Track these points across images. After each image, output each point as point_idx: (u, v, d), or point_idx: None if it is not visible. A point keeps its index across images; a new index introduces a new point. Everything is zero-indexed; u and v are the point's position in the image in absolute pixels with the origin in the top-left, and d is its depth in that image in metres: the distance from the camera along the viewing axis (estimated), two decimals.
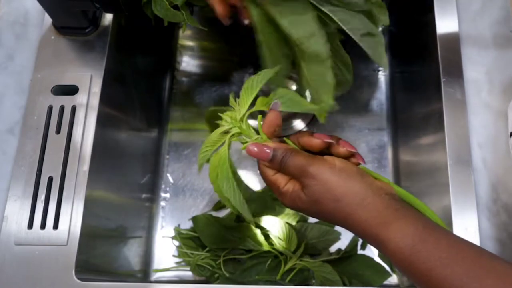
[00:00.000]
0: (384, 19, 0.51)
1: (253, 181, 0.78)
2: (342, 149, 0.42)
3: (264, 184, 0.77)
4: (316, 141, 0.42)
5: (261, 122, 0.43)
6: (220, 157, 0.44)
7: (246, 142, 0.43)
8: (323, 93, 0.46)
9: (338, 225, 0.41)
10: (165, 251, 0.75)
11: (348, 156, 0.42)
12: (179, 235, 0.74)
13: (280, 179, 0.42)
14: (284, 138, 0.43)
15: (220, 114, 0.44)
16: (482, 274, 0.34)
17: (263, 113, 0.44)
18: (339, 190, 0.39)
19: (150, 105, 0.80)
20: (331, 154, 0.42)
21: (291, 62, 0.49)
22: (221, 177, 0.43)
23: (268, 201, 0.75)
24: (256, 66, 0.44)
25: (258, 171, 0.44)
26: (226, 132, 0.44)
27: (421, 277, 0.36)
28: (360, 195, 0.38)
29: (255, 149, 0.42)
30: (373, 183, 0.39)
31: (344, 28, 0.45)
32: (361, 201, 0.38)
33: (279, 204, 0.74)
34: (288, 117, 0.80)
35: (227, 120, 0.44)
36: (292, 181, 0.42)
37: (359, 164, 0.42)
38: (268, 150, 0.41)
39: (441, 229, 0.38)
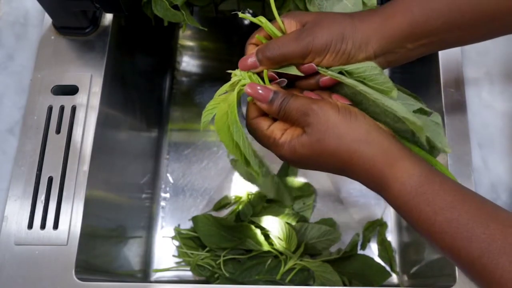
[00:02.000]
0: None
1: None
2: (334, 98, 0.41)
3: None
4: (308, 82, 0.41)
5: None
6: (228, 104, 0.41)
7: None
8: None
9: (339, 172, 0.39)
10: (165, 251, 0.75)
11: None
12: (179, 235, 0.74)
13: (276, 131, 0.40)
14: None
15: (229, 71, 0.43)
16: (487, 219, 0.34)
17: None
18: (343, 127, 0.37)
19: (150, 105, 0.80)
20: None
21: None
22: (231, 121, 0.41)
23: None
24: None
25: (248, 131, 0.42)
26: (235, 84, 0.42)
27: (425, 220, 0.35)
28: (364, 131, 0.37)
29: (256, 88, 0.40)
30: (375, 123, 0.39)
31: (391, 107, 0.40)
32: (365, 137, 0.37)
33: (279, 204, 0.75)
34: None
35: (236, 73, 0.42)
36: (289, 130, 0.40)
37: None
38: (269, 91, 0.40)
39: (444, 174, 0.37)
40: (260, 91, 0.40)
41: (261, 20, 0.41)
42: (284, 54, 0.40)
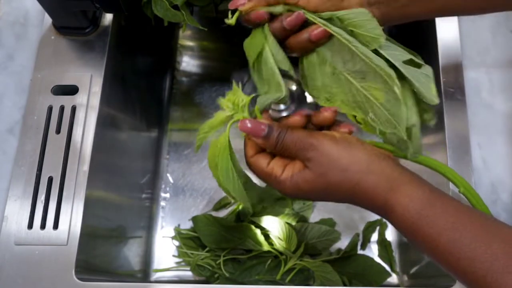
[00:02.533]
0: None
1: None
2: (325, 113, 0.41)
3: (263, 186, 0.77)
4: (294, 118, 0.41)
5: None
6: (220, 145, 0.42)
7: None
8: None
9: (344, 201, 0.40)
10: (165, 251, 0.75)
11: (334, 124, 0.42)
12: (179, 235, 0.74)
13: (276, 167, 0.40)
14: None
15: (221, 99, 0.43)
16: (489, 238, 0.34)
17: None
18: (344, 159, 0.38)
19: (150, 105, 0.80)
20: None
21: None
22: (221, 167, 0.42)
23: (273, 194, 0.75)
24: None
25: (249, 168, 0.43)
26: (228, 118, 0.42)
27: (429, 242, 0.36)
28: (365, 162, 0.38)
29: (249, 124, 0.39)
30: (374, 149, 0.39)
31: (383, 53, 0.40)
32: (367, 167, 0.38)
33: (279, 204, 0.74)
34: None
35: (228, 106, 0.42)
36: (289, 166, 0.40)
37: (351, 132, 0.41)
38: (263, 126, 0.39)
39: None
40: (253, 127, 0.39)
41: None
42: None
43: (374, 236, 0.74)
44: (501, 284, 0.33)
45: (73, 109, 0.58)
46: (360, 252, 0.73)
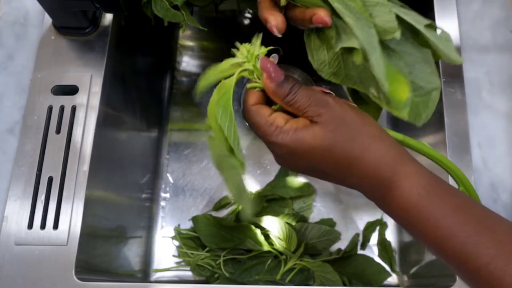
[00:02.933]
0: None
1: (252, 182, 0.78)
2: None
3: (263, 186, 0.77)
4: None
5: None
6: (224, 88, 0.40)
7: (254, 84, 0.40)
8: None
9: (341, 171, 0.37)
10: (165, 251, 0.75)
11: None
12: (179, 235, 0.74)
13: (279, 119, 0.38)
14: None
15: (238, 44, 0.40)
16: (494, 224, 0.33)
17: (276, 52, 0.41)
18: (358, 122, 0.36)
19: (150, 105, 0.80)
20: None
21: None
22: (219, 104, 0.40)
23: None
24: None
25: (245, 119, 0.41)
26: (238, 65, 0.40)
27: (433, 223, 0.34)
28: (378, 130, 0.37)
29: (269, 64, 0.38)
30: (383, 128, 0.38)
31: (406, 18, 0.38)
32: (380, 134, 0.37)
33: (279, 204, 0.75)
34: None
35: (243, 52, 0.40)
36: (292, 120, 0.38)
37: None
38: (281, 72, 0.38)
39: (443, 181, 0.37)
40: (274, 68, 0.38)
41: None
42: None
43: (374, 236, 0.74)
44: (505, 273, 0.31)
45: (73, 109, 0.58)
46: (360, 252, 0.73)
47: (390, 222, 0.75)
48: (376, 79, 0.35)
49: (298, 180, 0.76)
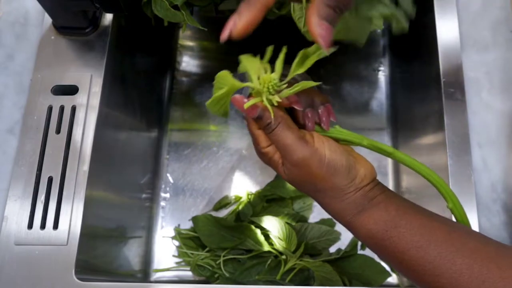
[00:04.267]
0: (377, 23, 0.50)
1: (252, 182, 0.78)
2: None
3: (263, 186, 0.77)
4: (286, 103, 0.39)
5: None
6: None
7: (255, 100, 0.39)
8: None
9: (310, 197, 0.42)
10: (165, 251, 0.75)
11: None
12: (179, 235, 0.74)
13: (262, 138, 0.39)
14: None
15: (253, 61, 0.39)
16: (453, 254, 0.35)
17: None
18: (323, 184, 0.38)
19: (150, 105, 0.80)
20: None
21: None
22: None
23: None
24: None
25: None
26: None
27: (394, 259, 0.37)
28: (342, 191, 0.38)
29: (244, 100, 0.38)
30: (358, 175, 0.38)
31: None
32: (340, 195, 0.38)
33: (279, 204, 0.75)
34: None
35: (258, 82, 0.37)
36: (273, 146, 0.40)
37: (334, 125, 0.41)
38: (255, 110, 0.37)
39: (414, 209, 0.38)
40: (246, 106, 0.37)
41: None
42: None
43: None
44: None
45: (73, 109, 0.58)
46: (360, 252, 0.73)
47: None
48: None
49: None
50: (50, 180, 0.55)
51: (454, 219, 0.42)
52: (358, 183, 0.38)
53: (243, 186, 0.77)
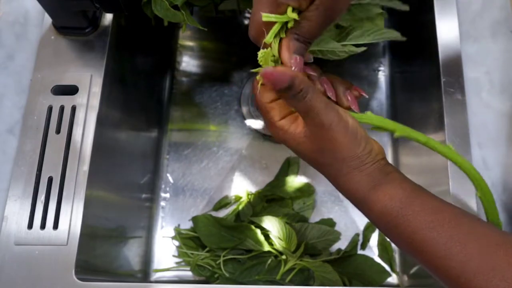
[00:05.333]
0: (378, 23, 0.51)
1: (252, 182, 0.78)
2: (345, 103, 0.42)
3: (263, 186, 0.77)
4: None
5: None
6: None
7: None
8: None
9: (323, 173, 0.41)
10: (165, 251, 0.75)
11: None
12: (179, 235, 0.74)
13: (275, 111, 0.40)
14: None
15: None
16: (465, 238, 0.35)
17: None
18: (344, 151, 0.38)
19: (150, 105, 0.80)
20: None
21: None
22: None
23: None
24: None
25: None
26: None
27: (405, 239, 0.37)
28: (360, 161, 0.39)
29: (272, 75, 0.36)
30: (373, 149, 0.40)
31: None
32: (359, 165, 0.39)
33: (279, 204, 0.75)
34: None
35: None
36: (290, 118, 0.40)
37: (360, 96, 0.43)
38: (286, 78, 0.36)
39: (427, 192, 0.39)
40: (278, 76, 0.36)
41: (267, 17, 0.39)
42: (319, 33, 0.39)
43: (374, 236, 0.74)
44: (474, 285, 0.33)
45: (73, 109, 0.58)
46: (360, 252, 0.73)
47: None
48: None
49: (298, 180, 0.76)
50: (50, 180, 0.55)
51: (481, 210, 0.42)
52: (374, 155, 0.39)
53: (243, 186, 0.77)
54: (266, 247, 0.69)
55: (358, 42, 0.45)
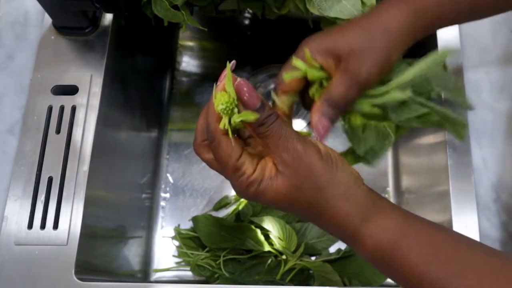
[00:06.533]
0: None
1: None
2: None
3: None
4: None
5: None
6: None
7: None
8: None
9: (309, 219, 0.38)
10: (165, 251, 0.75)
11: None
12: (179, 235, 0.74)
13: (247, 164, 0.36)
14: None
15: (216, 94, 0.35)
16: (463, 269, 0.34)
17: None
18: (324, 178, 0.35)
19: (150, 105, 0.81)
20: None
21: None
22: None
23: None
24: (256, 66, 0.44)
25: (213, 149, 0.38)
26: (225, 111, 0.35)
27: (403, 274, 0.35)
28: (344, 186, 0.35)
29: (246, 88, 0.34)
30: (353, 172, 0.37)
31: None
32: (344, 192, 0.35)
33: None
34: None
35: (222, 103, 0.34)
36: (261, 166, 0.36)
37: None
38: (257, 99, 0.34)
39: (418, 218, 0.36)
40: (250, 93, 0.34)
41: (298, 64, 0.39)
42: (349, 99, 0.39)
43: None
44: None
45: (73, 109, 0.58)
46: None
47: None
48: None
49: None
50: (50, 180, 0.55)
51: None
52: (355, 178, 0.36)
53: None
54: (266, 247, 0.69)
55: None
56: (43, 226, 0.53)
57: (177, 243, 0.74)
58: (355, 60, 0.39)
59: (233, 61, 0.37)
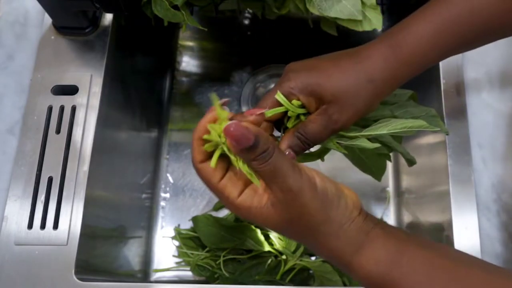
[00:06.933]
0: (377, 23, 0.52)
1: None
2: (250, 118, 0.37)
3: None
4: (253, 118, 0.36)
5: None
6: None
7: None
8: None
9: (300, 242, 0.39)
10: (165, 251, 0.75)
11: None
12: (179, 235, 0.74)
13: (230, 188, 0.36)
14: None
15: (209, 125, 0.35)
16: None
17: None
18: (318, 217, 0.34)
19: (150, 105, 0.81)
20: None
21: None
22: None
23: None
24: (256, 66, 0.44)
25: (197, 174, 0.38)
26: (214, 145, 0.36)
27: None
28: (337, 224, 0.35)
29: (237, 130, 0.32)
30: (347, 204, 0.36)
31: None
32: (337, 230, 0.35)
33: None
34: None
35: (213, 135, 0.35)
36: (249, 192, 0.36)
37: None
38: (250, 135, 0.32)
39: (413, 242, 0.36)
40: (242, 134, 0.33)
41: (281, 99, 0.39)
42: (319, 139, 0.41)
43: None
44: None
45: (73, 109, 0.58)
46: None
47: (390, 222, 0.75)
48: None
49: None
50: (50, 180, 0.55)
51: None
52: (349, 213, 0.35)
53: None
54: (266, 247, 0.69)
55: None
56: (43, 226, 0.53)
57: (177, 243, 0.74)
58: (337, 107, 0.39)
59: (227, 99, 0.37)
